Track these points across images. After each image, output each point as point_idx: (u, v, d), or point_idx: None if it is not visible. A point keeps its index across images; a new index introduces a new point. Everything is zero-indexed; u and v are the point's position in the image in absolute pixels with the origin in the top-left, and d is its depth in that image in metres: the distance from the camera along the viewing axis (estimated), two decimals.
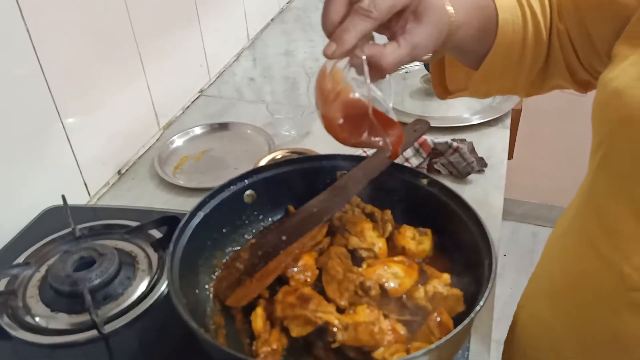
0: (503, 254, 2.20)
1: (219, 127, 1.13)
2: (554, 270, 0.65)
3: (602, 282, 0.54)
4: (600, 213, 0.54)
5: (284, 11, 1.69)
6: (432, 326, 0.54)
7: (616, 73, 0.51)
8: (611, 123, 0.51)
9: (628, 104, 0.47)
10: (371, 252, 0.65)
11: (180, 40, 1.17)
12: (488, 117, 1.13)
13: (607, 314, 0.54)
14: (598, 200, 0.55)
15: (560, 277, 0.63)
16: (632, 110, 0.47)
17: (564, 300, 0.62)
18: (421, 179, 0.67)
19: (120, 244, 0.77)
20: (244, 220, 0.70)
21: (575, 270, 0.59)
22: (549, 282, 0.66)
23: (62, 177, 0.89)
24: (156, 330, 0.66)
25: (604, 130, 0.53)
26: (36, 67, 0.80)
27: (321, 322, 0.55)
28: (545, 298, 0.66)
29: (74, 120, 0.88)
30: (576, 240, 0.59)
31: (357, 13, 0.47)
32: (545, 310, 0.66)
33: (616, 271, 0.51)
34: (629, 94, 0.48)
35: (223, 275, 0.65)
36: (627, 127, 0.48)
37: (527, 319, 0.72)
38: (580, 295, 0.58)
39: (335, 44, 0.47)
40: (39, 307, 0.68)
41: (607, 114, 0.52)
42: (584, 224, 0.58)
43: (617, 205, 0.51)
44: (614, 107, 0.50)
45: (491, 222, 0.90)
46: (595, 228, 0.55)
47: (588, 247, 0.56)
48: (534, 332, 0.69)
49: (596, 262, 0.55)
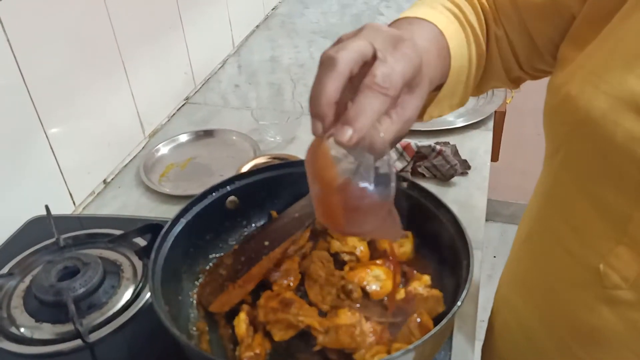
0: (493, 255, 2.21)
1: (204, 134, 1.13)
2: (525, 273, 0.66)
3: (576, 281, 0.55)
4: (568, 214, 0.55)
5: (269, 17, 1.70)
6: (412, 327, 0.55)
7: (565, 77, 0.52)
8: (568, 126, 0.51)
9: (583, 107, 0.48)
10: (353, 255, 0.66)
11: (164, 48, 1.17)
12: (471, 120, 1.14)
13: (584, 311, 0.55)
14: (563, 202, 0.56)
15: (533, 278, 0.64)
16: (586, 112, 0.48)
17: (538, 298, 0.63)
18: (401, 182, 0.68)
19: (105, 253, 0.77)
20: (227, 226, 0.70)
21: (547, 270, 0.60)
22: (522, 285, 0.67)
23: (46, 187, 0.89)
24: (142, 337, 0.67)
25: (561, 134, 0.53)
26: (17, 77, 0.80)
27: (303, 326, 0.56)
28: (519, 298, 0.67)
29: (57, 129, 0.88)
30: (545, 242, 0.60)
31: (370, 90, 0.41)
32: (521, 311, 0.66)
33: (592, 270, 0.52)
34: (582, 96, 0.48)
35: (206, 282, 0.65)
36: (584, 130, 0.49)
37: (502, 324, 0.73)
38: (555, 294, 0.59)
39: (350, 128, 0.40)
40: (24, 317, 0.69)
41: (562, 118, 0.52)
42: (551, 226, 0.58)
43: (584, 206, 0.52)
44: (569, 111, 0.50)
45: (475, 223, 0.91)
46: (564, 229, 0.56)
47: (559, 248, 0.57)
48: (512, 335, 0.70)
49: (569, 262, 0.55)
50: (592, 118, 0.47)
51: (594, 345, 0.56)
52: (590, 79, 0.49)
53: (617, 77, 0.47)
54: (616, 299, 0.51)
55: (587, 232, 0.53)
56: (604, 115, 0.46)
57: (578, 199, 0.53)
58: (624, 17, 0.48)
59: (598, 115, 0.47)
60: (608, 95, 0.46)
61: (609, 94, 0.46)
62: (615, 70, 0.47)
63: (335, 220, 0.48)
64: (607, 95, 0.47)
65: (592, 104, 0.47)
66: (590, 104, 0.48)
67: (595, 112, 0.47)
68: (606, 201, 0.49)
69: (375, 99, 0.41)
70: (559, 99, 0.52)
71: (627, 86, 0.45)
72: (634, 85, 0.45)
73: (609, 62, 0.48)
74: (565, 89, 0.51)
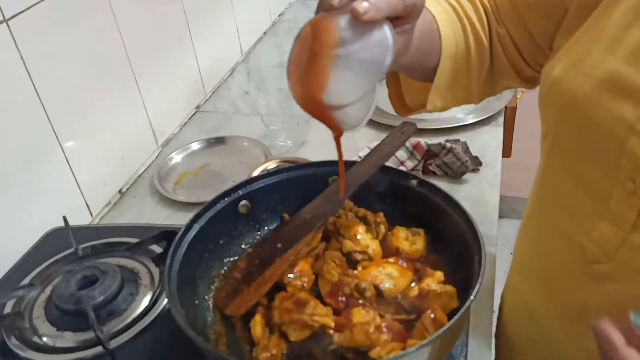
0: (509, 252, 2.19)
1: (215, 141, 1.14)
2: (525, 254, 0.68)
3: (566, 258, 0.57)
4: (558, 194, 0.57)
5: (276, 24, 1.71)
6: (426, 323, 0.55)
7: (553, 64, 0.54)
8: (556, 110, 0.53)
9: (568, 90, 0.50)
10: (365, 254, 0.66)
11: (174, 59, 1.19)
12: (481, 116, 1.14)
13: (574, 287, 0.57)
14: (554, 183, 0.58)
15: (532, 261, 0.66)
16: (571, 95, 0.50)
17: (537, 279, 0.65)
18: (411, 180, 0.69)
19: (123, 261, 0.78)
20: (240, 230, 0.71)
21: (542, 250, 0.62)
22: (523, 268, 0.69)
23: (64, 199, 0.91)
24: (161, 343, 0.67)
25: (551, 118, 0.55)
26: (32, 94, 0.82)
27: (318, 326, 0.57)
28: (523, 282, 0.69)
29: (73, 143, 0.90)
30: (541, 223, 0.63)
31: None
32: (525, 293, 0.69)
33: (577, 246, 0.54)
34: (567, 80, 0.50)
35: (222, 285, 0.66)
36: (569, 112, 0.51)
37: (510, 308, 0.75)
38: (549, 273, 0.61)
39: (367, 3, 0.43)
40: (46, 326, 0.70)
41: (551, 102, 0.54)
42: (545, 207, 0.61)
43: (571, 185, 0.54)
44: (556, 95, 0.52)
45: (488, 219, 0.91)
46: (555, 208, 0.58)
47: (551, 227, 0.59)
48: (519, 318, 0.71)
49: (560, 241, 0.57)
50: (576, 100, 0.49)
51: (585, 323, 0.56)
52: (574, 64, 0.50)
53: (598, 59, 0.48)
54: (599, 274, 0.53)
55: (575, 211, 0.55)
56: (587, 96, 0.48)
57: (567, 180, 0.55)
58: (609, 4, 0.50)
59: (581, 96, 0.49)
60: (590, 77, 0.48)
61: (591, 76, 0.48)
62: (597, 54, 0.49)
63: (315, 85, 0.46)
64: (589, 77, 0.48)
65: (576, 86, 0.49)
66: (574, 86, 0.49)
67: (578, 94, 0.49)
68: (590, 179, 0.51)
69: None
70: (548, 84, 0.53)
71: (607, 67, 0.47)
72: (614, 67, 0.47)
73: (592, 46, 0.49)
74: (552, 75, 0.52)
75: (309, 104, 0.48)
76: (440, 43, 0.60)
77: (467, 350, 0.65)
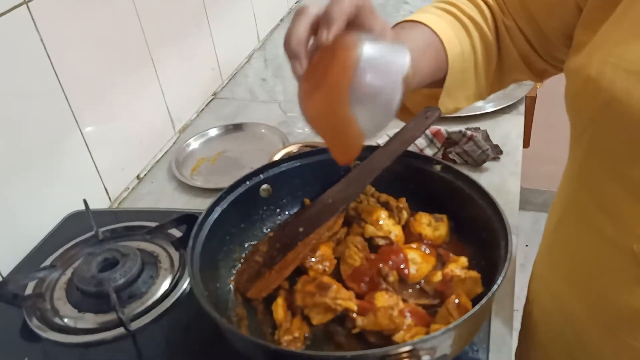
0: (525, 244, 2.18)
1: (233, 128, 1.14)
2: (561, 259, 0.65)
3: (613, 264, 0.54)
4: (600, 198, 0.54)
5: (293, 11, 1.70)
6: (450, 308, 0.55)
7: (582, 61, 0.51)
8: (592, 109, 0.51)
9: (606, 89, 0.48)
10: (388, 239, 0.65)
11: (191, 45, 1.19)
12: (501, 104, 1.13)
13: (624, 294, 0.54)
14: (594, 186, 0.55)
15: (569, 264, 0.63)
16: (611, 94, 0.47)
17: (578, 286, 0.61)
18: (434, 165, 0.68)
19: (143, 245, 0.78)
20: (261, 214, 0.71)
21: (583, 257, 0.59)
22: (559, 271, 0.66)
23: (83, 183, 0.91)
24: (181, 325, 0.68)
25: (585, 118, 0.53)
26: (53, 79, 0.82)
27: (341, 309, 0.56)
28: (560, 284, 0.66)
29: (92, 129, 0.91)
30: (580, 226, 0.59)
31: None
32: (563, 297, 0.65)
33: (627, 251, 0.52)
34: (604, 77, 0.48)
35: (243, 269, 0.66)
36: (609, 111, 0.48)
37: (541, 310, 0.72)
38: (593, 279, 0.58)
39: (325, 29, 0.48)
40: (67, 308, 0.70)
41: (585, 101, 0.52)
42: (584, 211, 0.58)
43: (615, 187, 0.52)
44: (592, 93, 0.50)
45: (508, 208, 0.90)
46: (596, 212, 0.55)
47: (592, 232, 0.56)
48: (553, 322, 0.69)
49: (604, 246, 0.55)
50: (616, 98, 0.47)
51: (638, 329, 0.55)
52: (608, 60, 0.48)
53: (636, 53, 0.46)
54: None
55: (619, 214, 0.52)
56: (628, 93, 0.46)
57: (608, 182, 0.52)
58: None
59: (622, 94, 0.47)
60: (630, 73, 0.46)
61: (631, 71, 0.46)
62: (633, 48, 0.46)
63: (338, 92, 0.50)
64: (628, 73, 0.46)
65: (614, 84, 0.47)
66: (612, 84, 0.47)
67: (618, 92, 0.47)
68: (637, 181, 0.49)
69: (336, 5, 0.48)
70: (581, 82, 0.51)
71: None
72: None
73: (627, 40, 0.47)
74: (585, 72, 0.50)
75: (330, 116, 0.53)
76: (445, 50, 0.59)
77: (489, 339, 0.64)
